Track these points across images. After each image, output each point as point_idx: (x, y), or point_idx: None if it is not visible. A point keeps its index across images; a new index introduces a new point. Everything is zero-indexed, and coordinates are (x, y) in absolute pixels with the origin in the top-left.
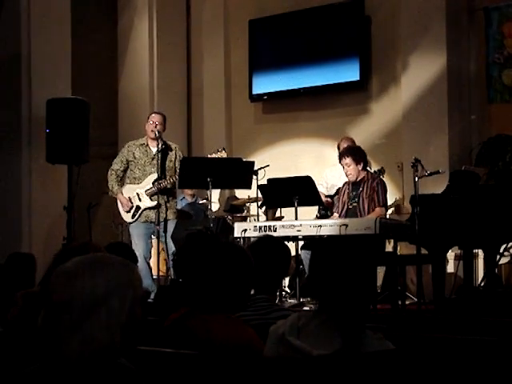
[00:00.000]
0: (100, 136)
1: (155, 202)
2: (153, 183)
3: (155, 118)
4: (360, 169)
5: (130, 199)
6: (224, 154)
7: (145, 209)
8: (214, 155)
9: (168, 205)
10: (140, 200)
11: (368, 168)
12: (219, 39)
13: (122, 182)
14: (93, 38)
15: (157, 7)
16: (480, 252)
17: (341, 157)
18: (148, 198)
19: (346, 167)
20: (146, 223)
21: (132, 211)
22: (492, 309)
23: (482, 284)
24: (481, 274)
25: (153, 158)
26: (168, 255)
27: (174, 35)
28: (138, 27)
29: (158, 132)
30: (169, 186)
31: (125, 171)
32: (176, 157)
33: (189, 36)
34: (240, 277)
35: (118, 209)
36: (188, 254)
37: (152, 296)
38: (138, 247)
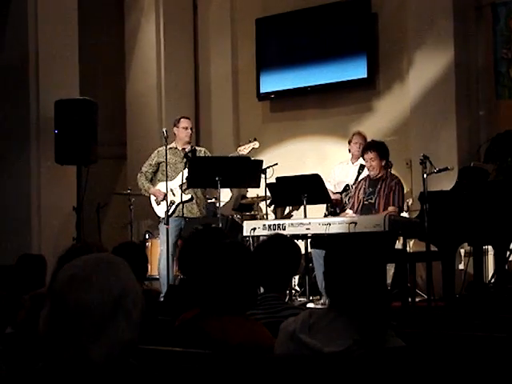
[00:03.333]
0: (108, 136)
1: (189, 196)
2: (186, 178)
3: (189, 124)
4: (382, 165)
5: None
6: (256, 144)
7: (179, 203)
8: (245, 145)
9: (199, 201)
10: (174, 195)
11: None
12: (226, 38)
13: (152, 182)
14: (100, 38)
15: (163, 7)
16: (490, 248)
17: (365, 150)
18: (181, 192)
19: (369, 161)
20: (177, 218)
21: (166, 205)
22: (502, 305)
23: (493, 280)
24: (491, 270)
25: (183, 158)
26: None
27: (181, 35)
28: (144, 27)
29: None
30: None
31: (154, 173)
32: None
33: (196, 35)
34: (242, 275)
35: (151, 206)
36: (190, 254)
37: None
38: (163, 242)
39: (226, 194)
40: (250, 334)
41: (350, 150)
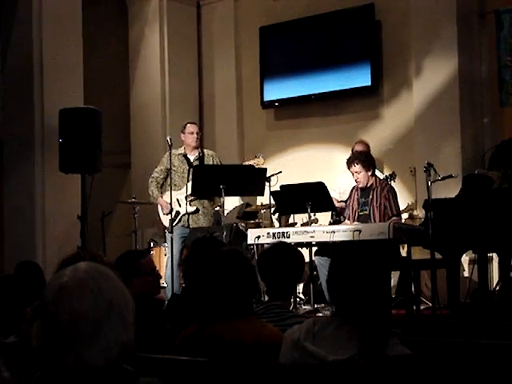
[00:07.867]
0: (113, 145)
1: (194, 208)
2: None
3: (195, 129)
4: (369, 175)
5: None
6: (261, 161)
7: (184, 214)
8: (251, 161)
9: (205, 211)
10: (180, 206)
11: (379, 172)
12: (230, 46)
13: (162, 189)
14: (104, 48)
15: (167, 16)
16: (495, 256)
17: (349, 163)
18: (188, 203)
19: (355, 174)
20: (182, 227)
21: (172, 216)
22: (507, 313)
23: (497, 288)
24: (496, 277)
25: (191, 166)
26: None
27: (185, 43)
28: (148, 37)
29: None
30: None
31: (165, 179)
32: (214, 163)
33: (200, 44)
34: (241, 282)
35: (158, 214)
36: (192, 262)
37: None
38: (169, 250)
39: (235, 200)
40: (262, 332)
41: None
